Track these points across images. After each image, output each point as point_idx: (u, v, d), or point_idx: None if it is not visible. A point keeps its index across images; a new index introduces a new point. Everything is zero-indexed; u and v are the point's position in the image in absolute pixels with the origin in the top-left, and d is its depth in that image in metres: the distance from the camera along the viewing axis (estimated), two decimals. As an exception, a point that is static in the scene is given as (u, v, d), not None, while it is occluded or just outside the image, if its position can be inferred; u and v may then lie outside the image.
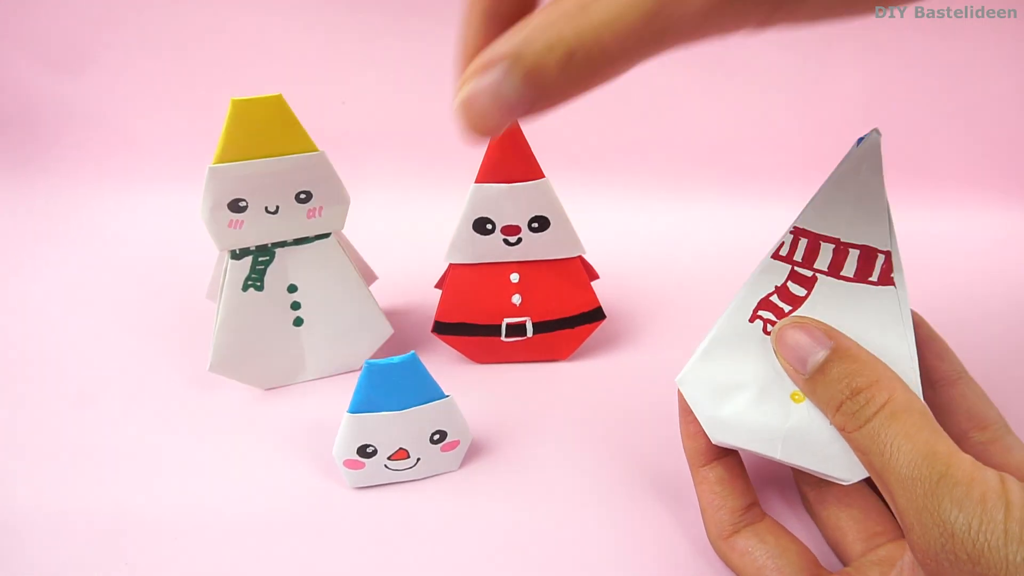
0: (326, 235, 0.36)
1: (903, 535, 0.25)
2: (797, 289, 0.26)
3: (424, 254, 0.43)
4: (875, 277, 0.25)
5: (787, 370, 0.25)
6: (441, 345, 0.42)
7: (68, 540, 0.29)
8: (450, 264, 0.37)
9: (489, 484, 0.32)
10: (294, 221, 0.35)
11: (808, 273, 0.25)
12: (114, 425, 0.36)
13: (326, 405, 0.37)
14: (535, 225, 0.36)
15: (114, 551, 0.29)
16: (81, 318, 0.46)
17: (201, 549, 0.29)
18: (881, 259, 0.24)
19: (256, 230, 0.34)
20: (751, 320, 0.26)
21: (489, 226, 0.35)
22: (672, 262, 0.53)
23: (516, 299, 0.38)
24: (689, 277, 0.51)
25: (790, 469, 0.31)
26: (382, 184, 0.60)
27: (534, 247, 0.36)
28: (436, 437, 0.31)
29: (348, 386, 0.30)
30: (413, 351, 0.28)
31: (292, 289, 0.36)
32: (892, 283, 0.24)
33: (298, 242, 0.36)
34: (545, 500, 0.31)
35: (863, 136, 0.24)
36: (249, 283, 0.35)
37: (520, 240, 0.36)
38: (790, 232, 0.26)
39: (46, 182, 0.62)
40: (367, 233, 0.42)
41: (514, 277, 0.37)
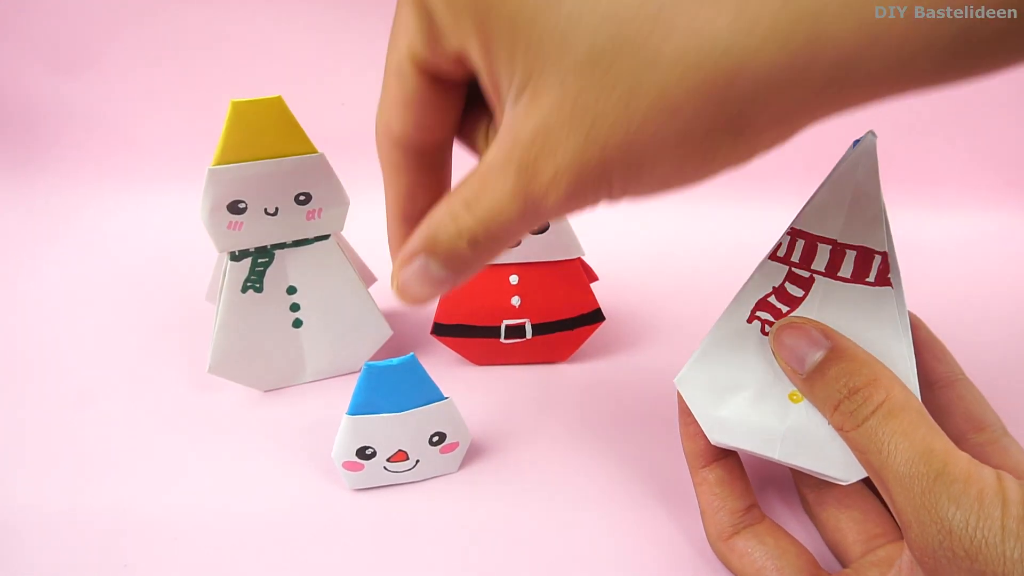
0: (325, 237, 0.36)
1: (902, 536, 0.25)
2: (795, 290, 0.26)
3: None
4: (872, 278, 0.25)
5: (785, 370, 0.25)
6: (440, 347, 0.42)
7: (67, 540, 0.29)
8: (449, 265, 0.37)
9: (488, 486, 0.32)
10: (293, 223, 0.35)
11: (805, 274, 0.26)
12: (113, 426, 0.36)
13: (325, 407, 0.37)
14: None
15: (113, 551, 0.29)
16: (80, 319, 0.46)
17: (200, 550, 0.29)
18: (878, 260, 0.25)
19: (255, 232, 0.34)
20: (749, 321, 0.26)
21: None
22: (671, 264, 0.54)
23: (515, 301, 0.38)
24: (688, 279, 0.51)
25: (789, 471, 0.31)
26: (381, 186, 0.60)
27: (533, 249, 0.36)
28: (435, 439, 0.31)
29: (347, 388, 0.30)
30: (412, 353, 0.28)
31: (291, 291, 0.37)
32: (889, 284, 0.24)
33: (297, 244, 0.36)
34: (544, 501, 0.31)
35: (859, 138, 0.25)
36: (248, 285, 0.35)
37: (519, 242, 0.36)
38: (787, 233, 0.26)
39: (46, 182, 0.62)
40: (366, 235, 0.42)
41: (513, 279, 0.37)
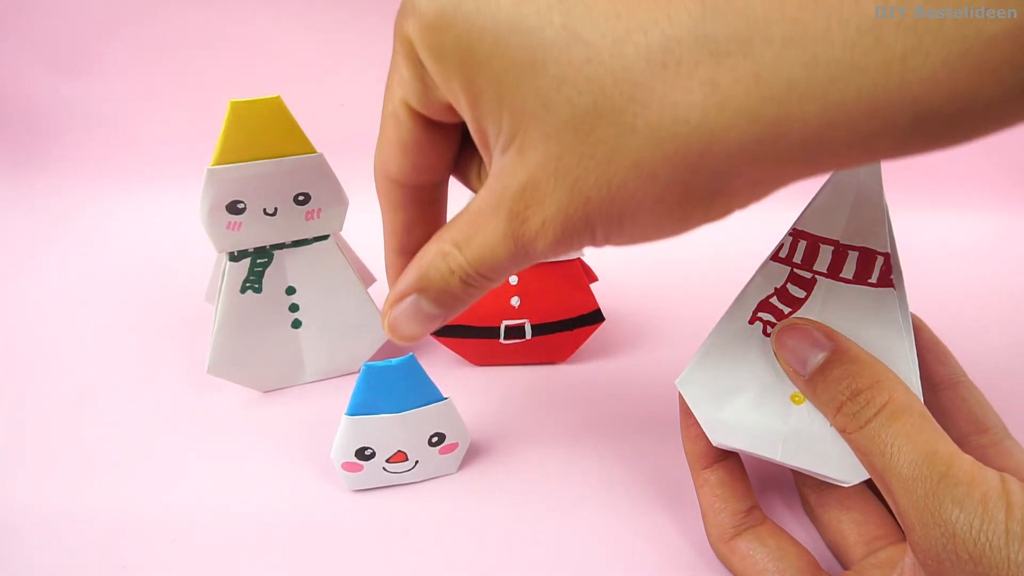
0: (325, 237, 0.36)
1: (904, 538, 0.25)
2: (797, 291, 0.26)
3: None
4: (874, 279, 0.25)
5: (787, 371, 0.25)
6: (439, 347, 0.41)
7: (67, 540, 0.29)
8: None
9: (487, 486, 0.32)
10: (292, 223, 0.35)
11: (807, 275, 0.25)
12: (113, 426, 0.36)
13: (324, 407, 0.37)
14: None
15: (113, 552, 0.28)
16: (80, 319, 0.46)
17: (199, 551, 0.29)
18: (880, 261, 0.24)
19: (254, 232, 0.34)
20: (751, 322, 0.26)
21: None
22: (671, 264, 0.53)
23: (515, 301, 0.38)
24: (688, 279, 0.51)
25: (791, 472, 0.31)
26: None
27: (533, 249, 0.36)
28: (434, 439, 0.31)
29: (346, 388, 0.30)
30: (411, 353, 0.28)
31: (290, 291, 0.36)
32: (891, 285, 0.24)
33: (296, 244, 0.36)
34: (544, 502, 0.31)
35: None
36: (247, 285, 0.35)
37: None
38: (789, 234, 0.26)
39: (46, 182, 0.62)
40: (366, 235, 0.42)
41: (513, 279, 0.37)
